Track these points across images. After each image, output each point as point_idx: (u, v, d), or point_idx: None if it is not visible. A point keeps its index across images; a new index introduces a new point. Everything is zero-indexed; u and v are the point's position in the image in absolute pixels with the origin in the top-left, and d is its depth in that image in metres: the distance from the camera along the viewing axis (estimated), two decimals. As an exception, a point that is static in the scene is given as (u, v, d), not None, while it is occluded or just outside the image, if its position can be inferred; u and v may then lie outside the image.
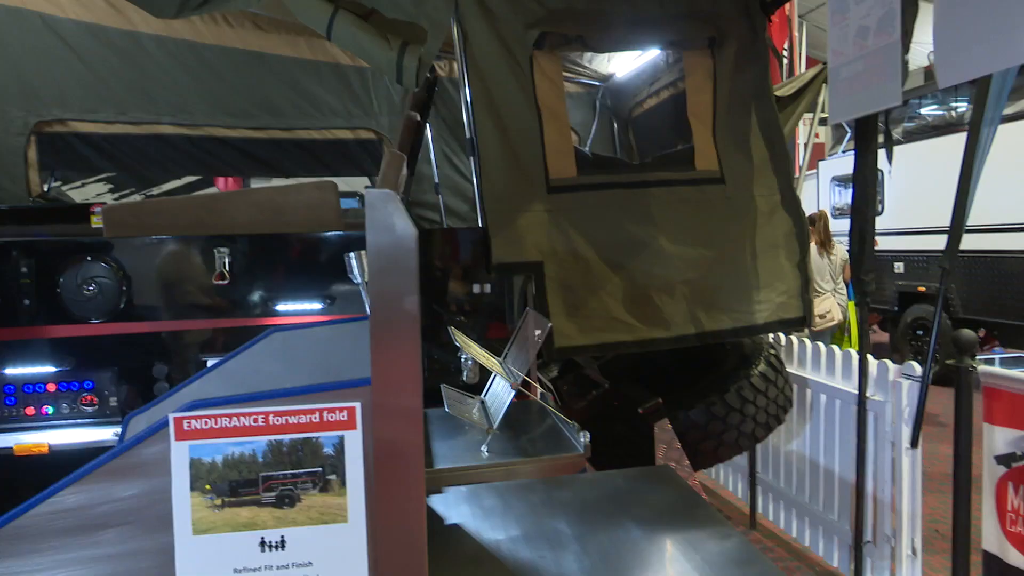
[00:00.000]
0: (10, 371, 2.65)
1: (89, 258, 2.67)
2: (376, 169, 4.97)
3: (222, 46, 4.47)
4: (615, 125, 5.10)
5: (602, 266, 2.95)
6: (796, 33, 9.01)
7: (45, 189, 4.46)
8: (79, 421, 2.72)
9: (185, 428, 1.09)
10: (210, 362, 2.76)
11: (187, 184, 5.87)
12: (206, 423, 1.10)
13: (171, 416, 1.09)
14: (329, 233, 2.83)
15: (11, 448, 2.59)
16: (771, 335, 3.79)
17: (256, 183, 5.80)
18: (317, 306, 2.80)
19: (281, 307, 2.80)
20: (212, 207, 2.87)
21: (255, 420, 1.11)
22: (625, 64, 4.71)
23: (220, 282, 2.72)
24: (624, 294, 2.97)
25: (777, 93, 3.56)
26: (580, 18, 2.93)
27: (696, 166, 3.12)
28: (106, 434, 2.67)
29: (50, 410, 2.71)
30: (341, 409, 1.12)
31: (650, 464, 3.25)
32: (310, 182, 2.96)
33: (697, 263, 3.06)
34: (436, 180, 4.89)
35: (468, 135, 2.90)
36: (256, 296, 2.79)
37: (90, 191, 5.50)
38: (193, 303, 2.77)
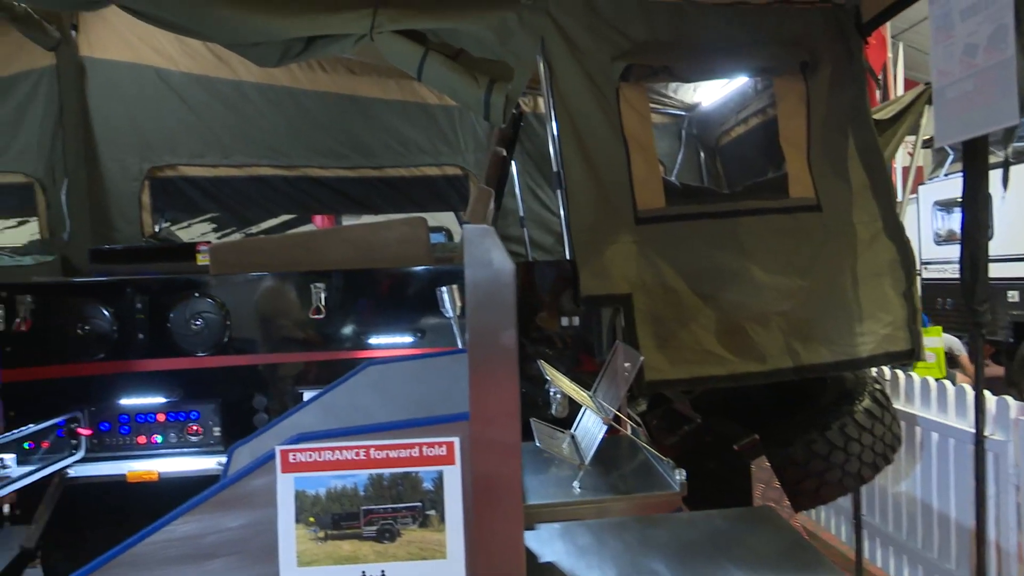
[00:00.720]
0: (125, 401, 2.81)
1: (196, 294, 2.81)
2: (462, 204, 5.07)
3: (317, 91, 4.70)
4: (702, 154, 5.03)
5: (693, 298, 2.88)
6: (890, 54, 8.69)
7: (156, 230, 4.77)
8: (185, 450, 2.84)
9: (291, 461, 1.12)
10: (306, 394, 2.84)
11: (283, 222, 6.15)
12: (310, 456, 1.12)
13: (277, 449, 1.12)
14: (419, 268, 2.88)
15: (124, 475, 2.73)
16: (874, 369, 3.60)
17: (347, 220, 6.01)
18: (408, 339, 2.84)
19: (373, 340, 2.86)
20: (308, 245, 2.98)
21: (357, 454, 1.12)
22: (711, 92, 4.65)
23: (316, 316, 2.81)
24: (716, 326, 2.88)
25: (876, 116, 3.42)
26: (666, 49, 2.91)
27: (790, 194, 3.02)
28: (210, 463, 2.78)
29: (159, 439, 2.85)
30: (440, 444, 1.12)
31: (747, 504, 3.11)
32: (400, 218, 3.03)
33: (793, 293, 2.94)
34: (521, 214, 4.93)
35: (555, 168, 2.91)
36: (349, 330, 2.86)
37: (195, 231, 5.84)
38: (290, 337, 2.87)
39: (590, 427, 2.31)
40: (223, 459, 2.77)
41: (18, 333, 2.69)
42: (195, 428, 2.85)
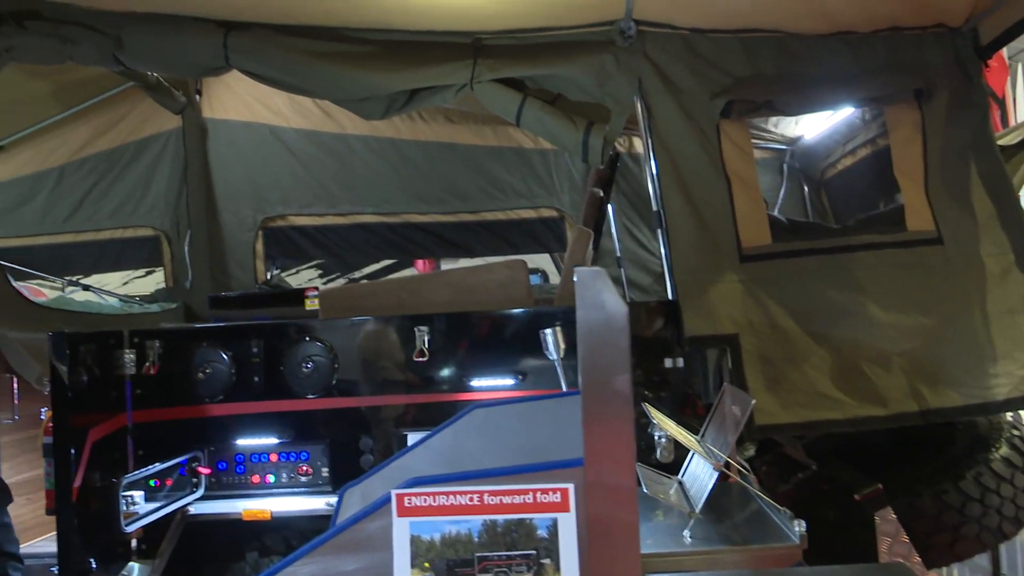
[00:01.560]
0: (241, 442, 2.93)
1: (307, 338, 2.92)
2: (559, 246, 5.10)
3: (418, 140, 4.88)
4: (805, 188, 4.87)
5: (805, 338, 2.75)
6: (1010, 75, 8.17)
7: (268, 276, 5.03)
8: (296, 490, 2.93)
9: (406, 505, 1.12)
10: (410, 436, 2.88)
11: (384, 267, 6.37)
12: (425, 500, 1.12)
13: (393, 493, 1.13)
14: (520, 310, 2.89)
15: (240, 513, 2.83)
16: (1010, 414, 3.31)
17: (446, 264, 6.15)
18: (509, 382, 2.84)
19: (475, 383, 2.87)
20: (412, 289, 3.06)
21: (471, 499, 1.12)
22: (814, 124, 4.51)
23: (420, 359, 2.85)
24: (831, 367, 2.74)
25: (1001, 142, 3.21)
26: (769, 83, 2.85)
27: (908, 227, 2.86)
28: (319, 503, 2.84)
29: (272, 479, 2.94)
30: (554, 490, 1.11)
31: (871, 559, 2.90)
32: (500, 261, 3.07)
33: (916, 332, 2.76)
34: (618, 254, 4.90)
35: (654, 208, 2.89)
36: (452, 372, 2.89)
37: (303, 277, 6.13)
38: (395, 379, 2.92)
39: (699, 473, 2.24)
40: (332, 499, 2.84)
41: (147, 376, 2.87)
42: (305, 468, 2.94)
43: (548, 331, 2.40)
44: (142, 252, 4.99)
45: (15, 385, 3.13)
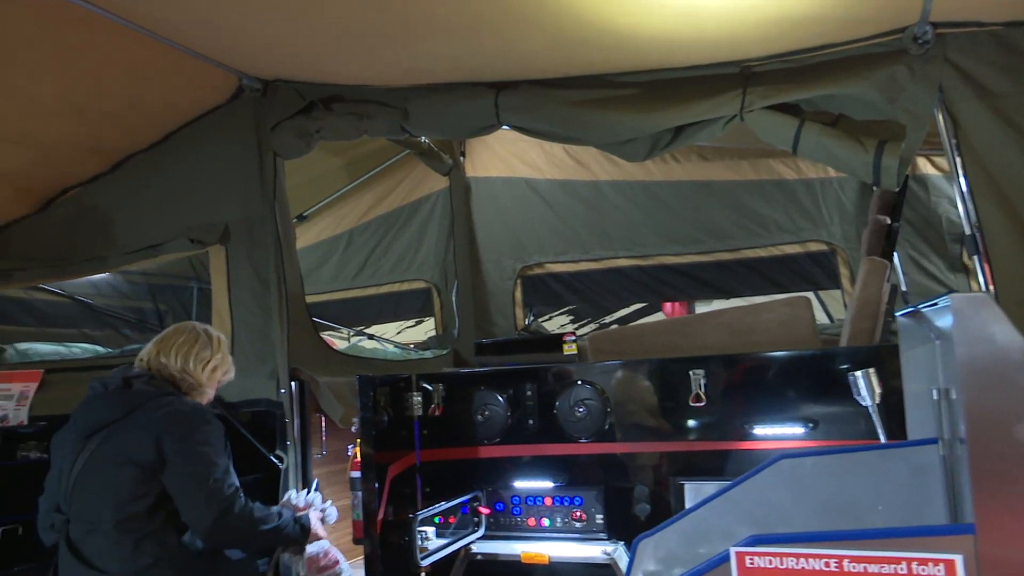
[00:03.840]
0: (518, 484, 2.99)
1: (579, 381, 2.92)
2: (830, 282, 4.66)
3: (670, 180, 4.79)
4: None
5: None
6: None
7: (527, 322, 5.20)
8: (571, 535, 2.91)
9: (747, 565, 1.01)
10: (687, 485, 2.74)
11: (635, 311, 6.29)
12: (771, 562, 1.00)
13: (733, 551, 1.02)
14: (805, 351, 2.65)
15: (518, 555, 2.87)
16: None
17: (700, 306, 5.92)
18: (798, 430, 2.59)
19: (758, 431, 2.66)
20: (684, 330, 2.94)
21: (827, 564, 0.97)
22: None
23: (696, 404, 2.72)
24: None
25: None
26: None
27: None
28: (595, 551, 2.79)
29: (547, 523, 2.96)
30: (936, 561, 0.92)
31: None
32: (780, 299, 2.85)
33: None
34: (903, 287, 4.35)
35: (967, 231, 2.50)
36: (732, 419, 2.71)
37: (555, 322, 6.26)
38: (669, 425, 2.81)
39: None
40: (608, 548, 2.78)
41: (432, 417, 3.05)
42: (579, 514, 2.91)
43: (859, 373, 2.14)
44: (416, 303, 5.45)
45: (323, 424, 3.50)
